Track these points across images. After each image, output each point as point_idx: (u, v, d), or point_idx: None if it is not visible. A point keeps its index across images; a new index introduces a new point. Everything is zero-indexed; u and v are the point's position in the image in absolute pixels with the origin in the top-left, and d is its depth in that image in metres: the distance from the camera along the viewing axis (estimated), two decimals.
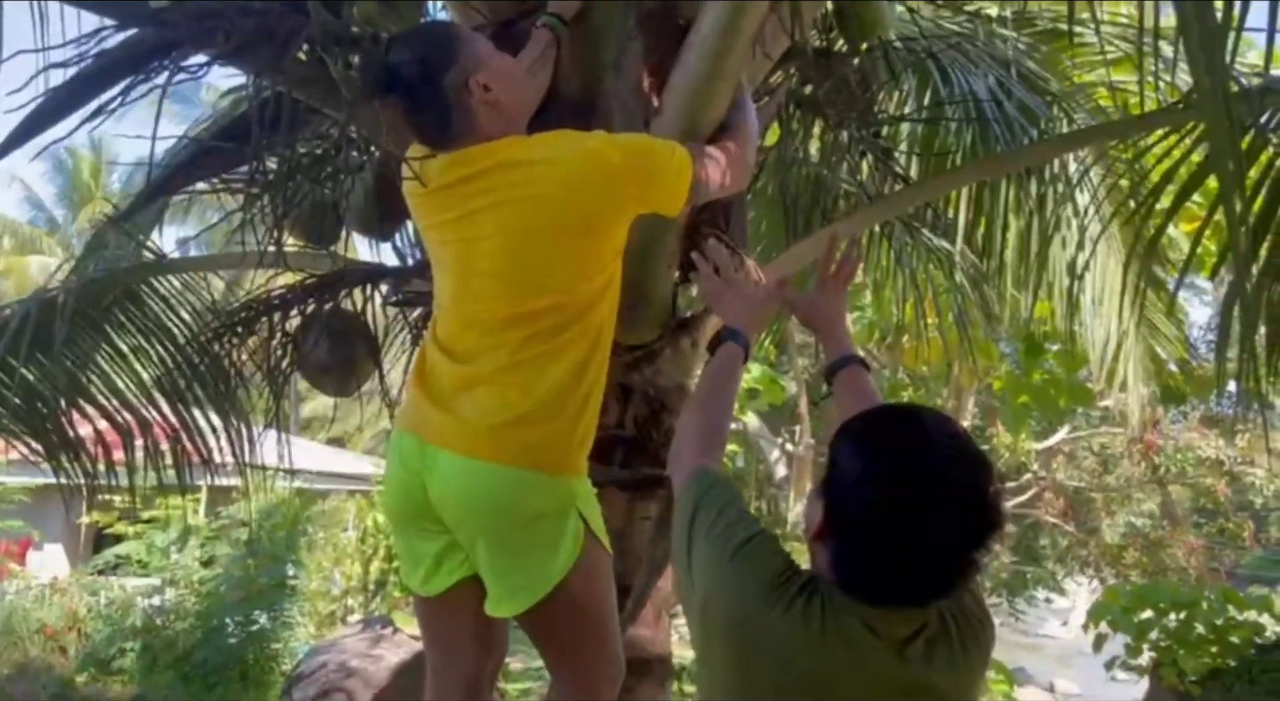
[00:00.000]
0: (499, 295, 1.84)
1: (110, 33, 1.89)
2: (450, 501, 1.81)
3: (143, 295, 3.49)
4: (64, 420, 3.38)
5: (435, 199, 1.90)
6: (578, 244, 1.83)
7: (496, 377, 1.80)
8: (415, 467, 1.84)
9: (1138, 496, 15.15)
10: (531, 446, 1.78)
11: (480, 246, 1.84)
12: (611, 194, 1.82)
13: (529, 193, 1.80)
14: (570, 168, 1.80)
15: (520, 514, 1.79)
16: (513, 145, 1.85)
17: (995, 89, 3.43)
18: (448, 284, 1.93)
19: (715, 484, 1.46)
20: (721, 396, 1.69)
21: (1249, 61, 3.94)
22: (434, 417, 1.83)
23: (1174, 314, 5.20)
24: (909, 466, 1.23)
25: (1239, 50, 1.67)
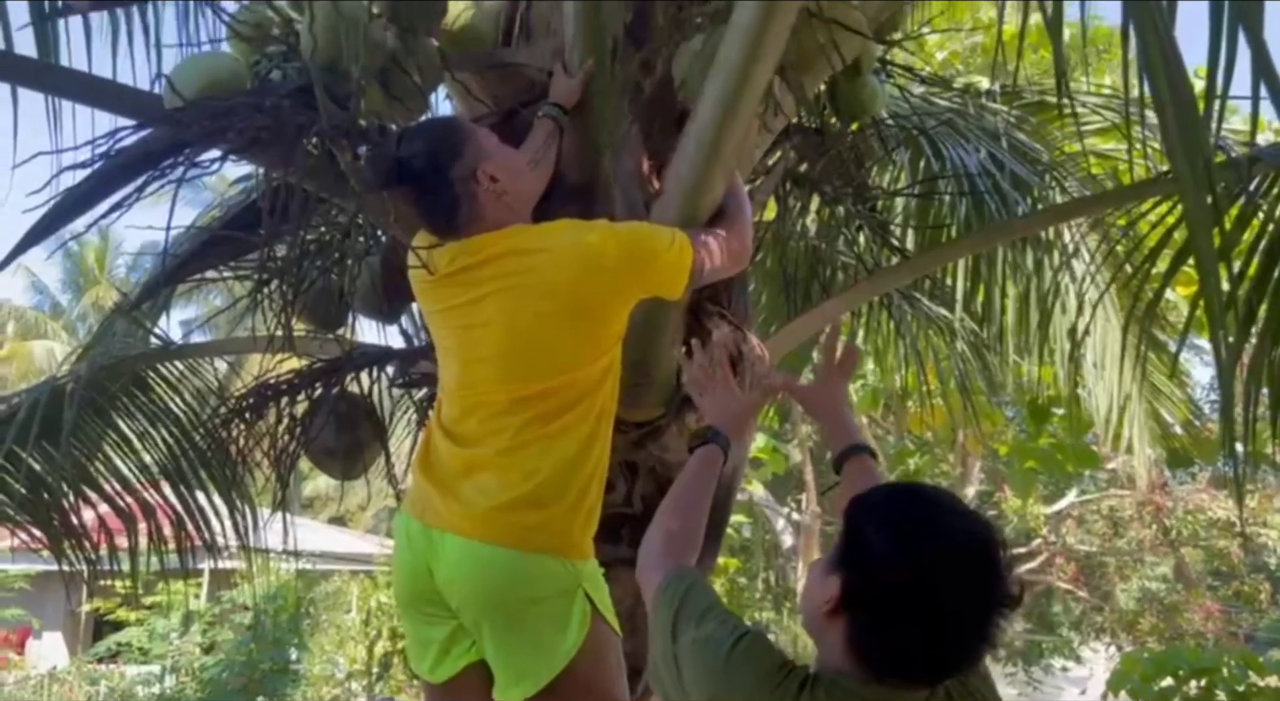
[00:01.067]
0: (500, 379, 1.86)
1: (127, 132, 1.95)
2: (455, 585, 1.81)
3: (150, 381, 3.52)
4: (68, 507, 3.37)
5: (441, 286, 1.94)
6: (578, 330, 1.86)
7: (498, 461, 1.82)
8: (421, 552, 1.85)
9: (1150, 560, 14.97)
10: (534, 528, 1.79)
11: (483, 332, 1.88)
12: (612, 281, 1.87)
13: (531, 281, 1.84)
14: (571, 257, 1.84)
15: (524, 596, 1.78)
16: (516, 234, 1.90)
17: (987, 161, 3.50)
18: (452, 368, 1.96)
19: (691, 587, 1.45)
20: (697, 498, 1.67)
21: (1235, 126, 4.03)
22: (438, 502, 1.85)
23: (1176, 376, 5.21)
24: (931, 542, 1.24)
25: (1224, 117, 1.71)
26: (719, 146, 2.11)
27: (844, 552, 1.30)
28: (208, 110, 1.94)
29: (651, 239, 1.92)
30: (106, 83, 2.30)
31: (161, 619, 9.81)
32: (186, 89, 2.02)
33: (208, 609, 9.87)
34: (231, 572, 9.38)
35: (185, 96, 2.01)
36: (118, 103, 2.20)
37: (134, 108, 2.14)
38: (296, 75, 2.13)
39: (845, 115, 2.85)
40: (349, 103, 2.02)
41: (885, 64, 2.97)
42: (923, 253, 3.69)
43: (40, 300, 23.00)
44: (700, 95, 2.14)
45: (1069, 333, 4.18)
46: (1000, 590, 1.24)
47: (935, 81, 3.69)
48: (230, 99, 1.99)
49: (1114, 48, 7.58)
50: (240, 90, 2.07)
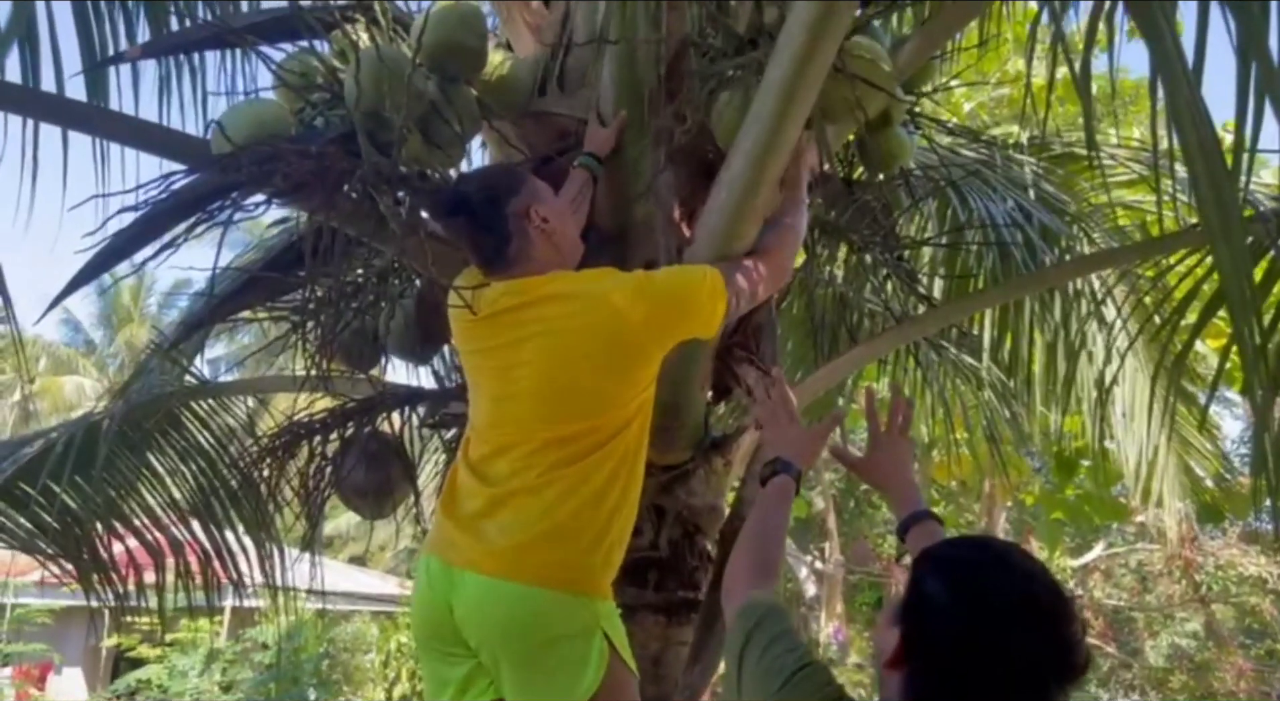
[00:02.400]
0: (533, 420, 1.89)
1: (179, 176, 2.01)
2: (474, 622, 1.82)
3: (183, 418, 3.57)
4: (99, 542, 3.41)
5: (483, 326, 1.99)
6: (614, 375, 1.90)
7: (521, 500, 1.84)
8: (441, 590, 1.86)
9: (1180, 616, 14.68)
10: (554, 566, 1.80)
11: (519, 372, 1.91)
12: (648, 329, 1.91)
13: (571, 325, 1.89)
14: (610, 305, 1.88)
15: (543, 634, 1.79)
16: (560, 279, 1.95)
17: (1014, 212, 3.52)
18: (483, 407, 1.99)
19: (768, 614, 1.46)
20: (773, 528, 1.70)
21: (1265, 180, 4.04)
22: (459, 540, 1.87)
23: (1206, 428, 5.16)
24: (997, 597, 1.21)
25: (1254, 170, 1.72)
26: (750, 196, 2.14)
27: (905, 603, 1.28)
28: (254, 155, 2.00)
29: (688, 285, 1.96)
30: (156, 127, 2.37)
31: (182, 656, 9.81)
32: (234, 134, 2.08)
33: (229, 647, 9.86)
34: (253, 611, 9.38)
35: (233, 141, 2.07)
36: (167, 147, 2.26)
37: (183, 152, 2.21)
38: (340, 122, 2.19)
39: (874, 165, 2.89)
40: (391, 149, 2.07)
41: (914, 115, 3.00)
42: (950, 302, 3.71)
43: (74, 337, 23.33)
44: (733, 145, 2.19)
45: (1096, 383, 4.17)
46: (1061, 649, 1.20)
47: (963, 132, 3.72)
48: (276, 145, 2.05)
49: (1141, 99, 7.62)
50: (285, 136, 2.13)
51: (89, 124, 2.42)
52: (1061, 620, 1.21)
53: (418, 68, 2.15)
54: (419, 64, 2.17)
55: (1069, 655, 1.20)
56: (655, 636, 2.40)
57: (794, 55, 1.97)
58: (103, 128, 2.39)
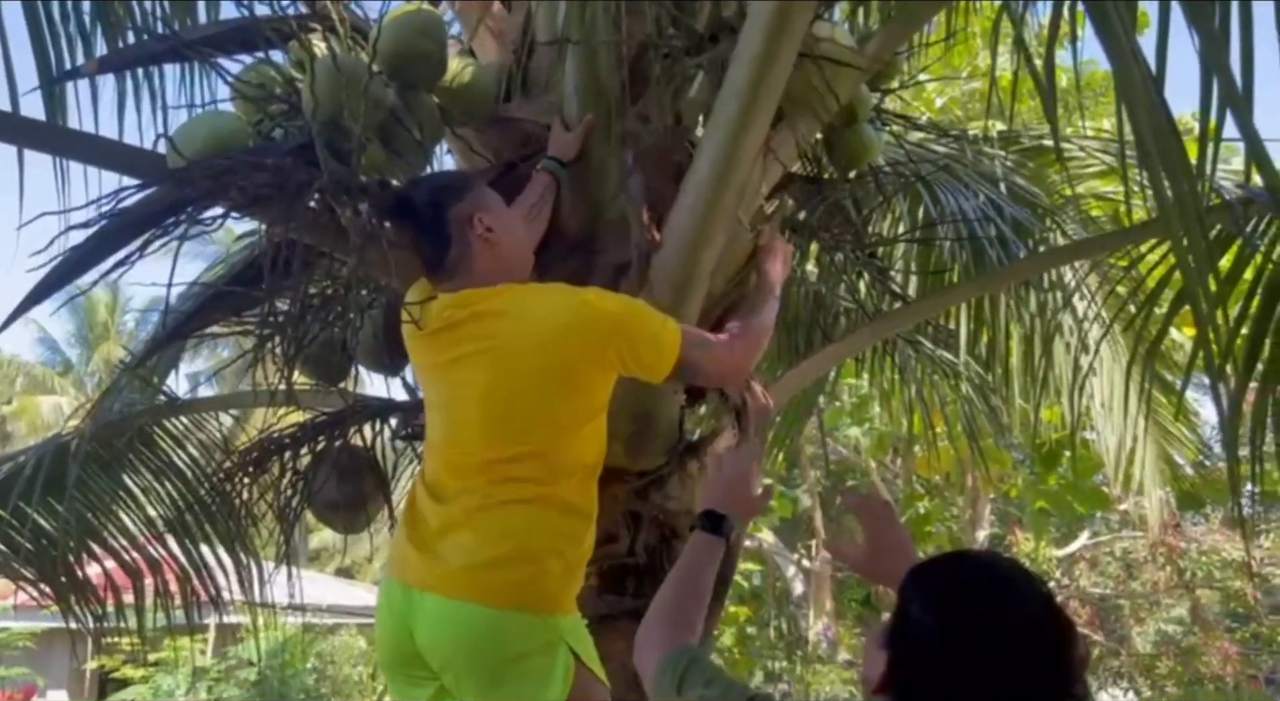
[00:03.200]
0: (479, 441, 1.86)
1: (131, 192, 1.97)
2: (435, 645, 1.80)
3: (155, 436, 3.53)
4: (74, 563, 3.37)
5: (429, 341, 1.96)
6: (556, 399, 1.85)
7: (474, 520, 1.82)
8: (401, 612, 1.84)
9: (1166, 602, 14.78)
10: (512, 586, 1.78)
11: (466, 392, 1.89)
12: (591, 353, 1.84)
13: (512, 345, 1.84)
14: (553, 324, 1.84)
15: (504, 653, 1.77)
16: (503, 294, 1.89)
17: (985, 206, 3.52)
18: (438, 424, 1.97)
19: (694, 660, 1.42)
20: (699, 586, 1.62)
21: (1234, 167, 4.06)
22: (416, 561, 1.85)
23: (1184, 416, 5.19)
24: (988, 620, 1.15)
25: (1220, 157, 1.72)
26: (718, 197, 2.13)
27: (892, 626, 1.22)
28: (210, 168, 1.97)
29: (640, 318, 1.89)
30: (111, 143, 2.33)
31: (167, 676, 9.72)
32: (189, 148, 2.05)
33: (213, 665, 9.78)
34: (237, 627, 9.30)
35: (188, 155, 2.04)
36: (122, 163, 2.23)
37: (138, 167, 2.17)
38: (298, 133, 2.16)
39: (843, 163, 2.88)
40: (350, 159, 2.04)
41: (881, 112, 3.00)
42: (924, 297, 3.71)
43: (50, 356, 23.12)
44: (698, 148, 2.18)
45: (1073, 373, 4.18)
46: (1055, 677, 1.13)
47: (932, 127, 3.73)
48: (233, 157, 2.02)
49: (1110, 92, 7.66)
50: (242, 148, 2.10)
51: (45, 142, 2.38)
52: (1058, 646, 1.14)
53: (376, 76, 2.13)
54: (377, 72, 2.15)
55: (1065, 684, 1.13)
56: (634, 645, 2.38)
57: (754, 56, 1.97)
58: (59, 145, 2.35)
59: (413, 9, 2.28)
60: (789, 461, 9.51)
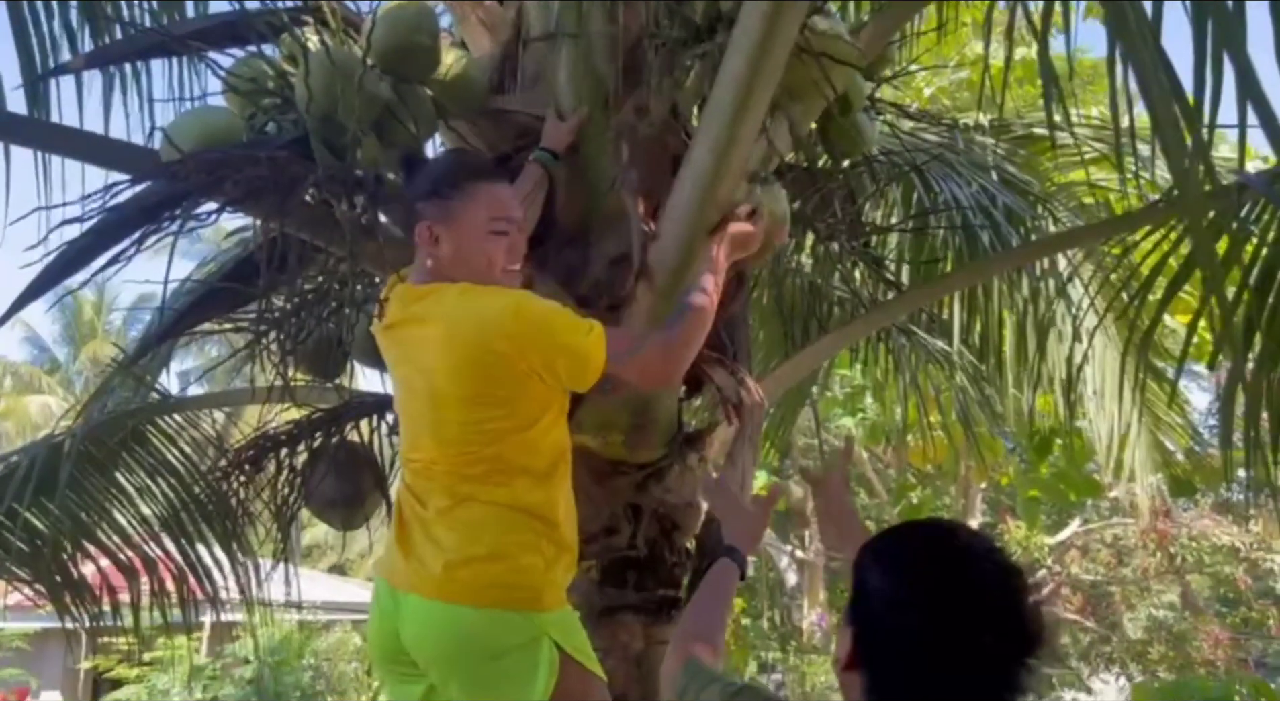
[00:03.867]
0: (430, 445, 1.85)
1: (123, 187, 1.95)
2: (418, 644, 1.81)
3: (148, 434, 3.51)
4: (68, 562, 3.35)
5: (384, 336, 1.96)
6: (480, 407, 1.80)
7: (445, 521, 1.81)
8: (389, 613, 1.85)
9: (1156, 588, 14.86)
10: (491, 585, 1.77)
11: (412, 395, 1.89)
12: (506, 365, 1.77)
13: (436, 349, 1.81)
14: (476, 323, 1.79)
15: (484, 651, 1.77)
16: (432, 295, 1.85)
17: (979, 194, 3.52)
18: (404, 427, 1.96)
19: (699, 670, 1.45)
20: (713, 607, 1.66)
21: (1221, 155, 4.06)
22: (400, 563, 1.85)
23: (1176, 403, 5.20)
24: (944, 585, 1.15)
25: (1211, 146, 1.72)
26: (714, 186, 2.12)
27: (851, 603, 1.22)
28: (204, 162, 1.95)
29: (561, 332, 1.81)
30: (101, 139, 2.31)
31: (161, 675, 9.69)
32: (182, 142, 2.04)
33: (209, 663, 9.75)
34: (232, 626, 9.28)
35: (181, 149, 2.02)
36: (113, 158, 2.21)
37: (130, 162, 2.15)
38: (292, 127, 2.14)
39: (837, 153, 2.88)
40: (345, 153, 2.03)
41: (874, 101, 2.99)
42: (918, 286, 3.70)
43: (37, 355, 22.97)
44: (694, 137, 2.17)
45: (1066, 362, 4.18)
46: (1015, 625, 1.13)
47: (924, 116, 3.72)
48: (227, 150, 2.00)
49: (1100, 79, 7.66)
50: (236, 142, 2.08)
51: (32, 137, 2.36)
52: (1011, 595, 1.15)
53: (369, 69, 2.11)
54: (370, 66, 2.13)
55: (1024, 627, 1.13)
56: (637, 636, 2.38)
57: (751, 45, 1.96)
58: (47, 141, 2.33)
59: (405, 2, 2.26)
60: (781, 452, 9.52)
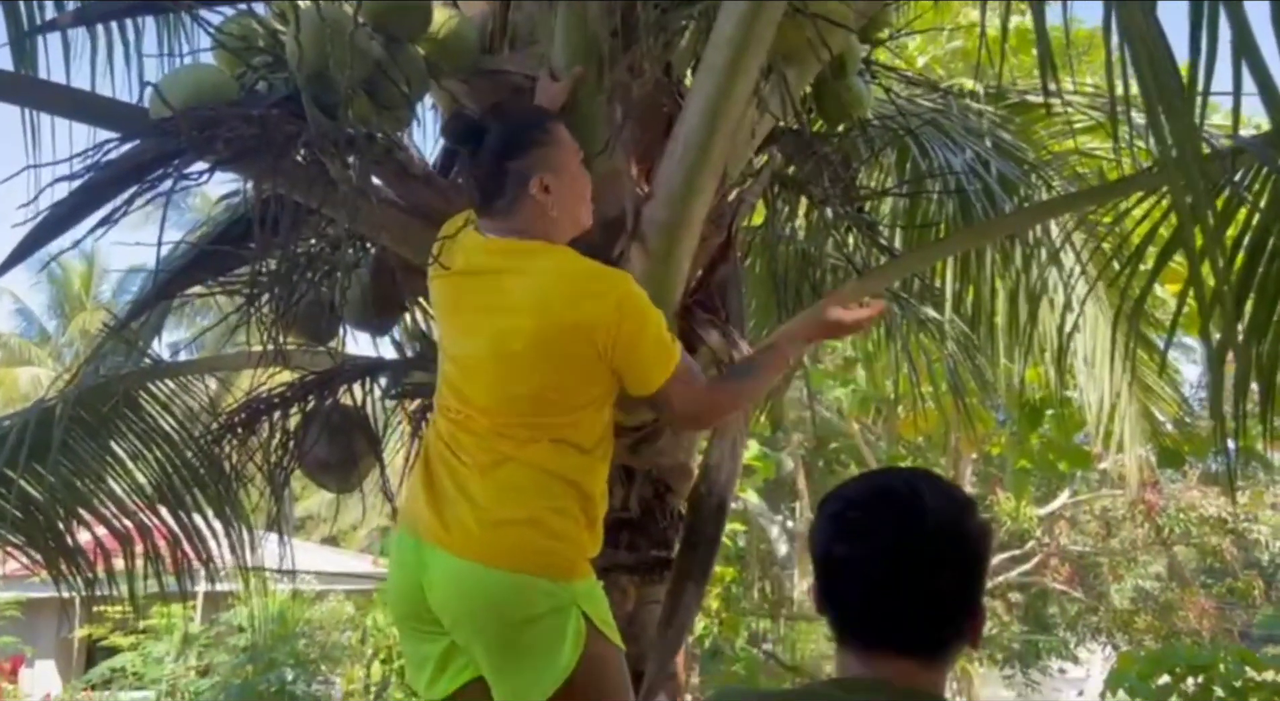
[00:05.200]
0: (487, 399, 1.84)
1: (113, 145, 1.94)
2: (444, 604, 1.79)
3: (141, 400, 3.49)
4: (62, 529, 3.35)
5: (454, 283, 1.94)
6: (549, 377, 1.82)
7: (486, 478, 1.80)
8: (413, 568, 1.82)
9: (1144, 559, 15.00)
10: (525, 549, 1.77)
11: (477, 348, 1.87)
12: (589, 345, 1.80)
13: (526, 307, 1.81)
14: (561, 307, 1.80)
15: (514, 616, 1.76)
16: (536, 254, 1.86)
17: (973, 161, 3.51)
18: (451, 374, 1.93)
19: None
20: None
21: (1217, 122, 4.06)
22: (429, 517, 1.82)
23: (1166, 373, 5.22)
24: (881, 536, 1.19)
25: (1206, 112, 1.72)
26: (708, 149, 2.11)
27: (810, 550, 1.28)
28: (195, 120, 1.93)
29: (656, 322, 1.84)
30: (90, 95, 2.29)
31: (156, 643, 9.73)
32: (173, 99, 2.01)
33: (203, 631, 9.80)
34: (226, 594, 9.31)
35: (171, 107, 2.00)
36: (102, 115, 2.18)
37: (119, 120, 2.13)
38: (283, 85, 2.12)
39: (831, 117, 2.87)
40: (336, 111, 2.01)
41: (869, 65, 2.98)
42: (911, 252, 3.70)
43: (26, 327, 22.85)
44: (687, 99, 2.15)
45: (1057, 330, 4.20)
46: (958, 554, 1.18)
47: (920, 82, 3.70)
48: (218, 108, 1.98)
49: (1095, 49, 7.63)
50: (227, 100, 2.06)
51: (18, 93, 2.33)
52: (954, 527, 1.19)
53: (361, 27, 2.09)
54: (362, 23, 2.11)
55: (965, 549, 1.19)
56: (628, 596, 2.39)
57: (743, 6, 1.94)
58: (34, 97, 2.30)
59: None
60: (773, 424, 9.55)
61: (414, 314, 2.94)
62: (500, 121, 1.93)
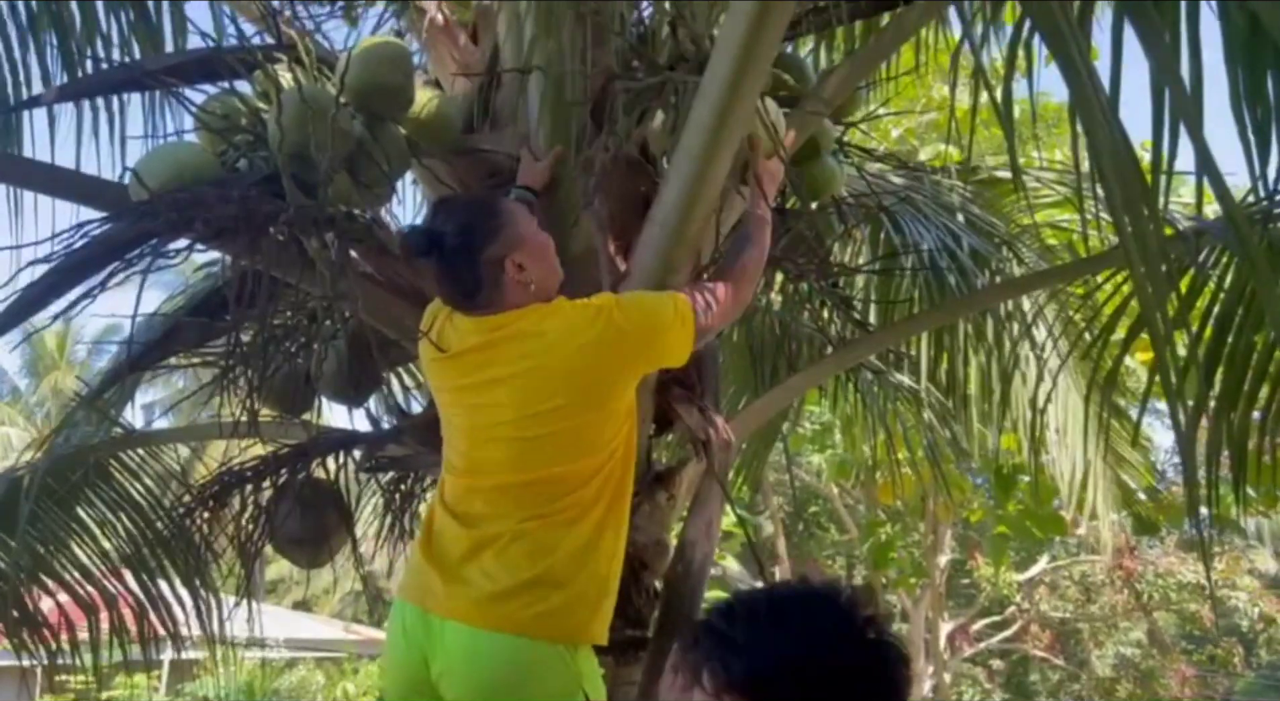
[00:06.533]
0: (508, 464, 1.85)
1: (94, 225, 1.95)
2: (453, 677, 1.76)
3: (110, 468, 3.46)
4: (26, 597, 3.29)
5: (453, 364, 1.94)
6: (589, 411, 1.85)
7: (505, 544, 1.79)
8: (418, 640, 1.80)
9: (1124, 625, 14.95)
10: (542, 615, 1.75)
11: (494, 414, 1.87)
12: (620, 360, 1.87)
13: (539, 364, 1.84)
14: (580, 339, 1.84)
15: (526, 695, 1.74)
16: (528, 315, 1.89)
17: (945, 235, 3.58)
18: (460, 446, 1.94)
19: None
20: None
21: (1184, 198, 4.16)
22: (439, 586, 1.80)
23: (1139, 443, 5.27)
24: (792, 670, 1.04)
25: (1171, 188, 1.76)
26: (683, 229, 2.15)
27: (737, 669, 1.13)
28: (175, 201, 1.95)
29: (657, 315, 1.91)
30: (72, 174, 2.30)
31: None
32: (153, 179, 2.03)
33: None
34: (192, 663, 9.09)
35: (151, 186, 2.01)
36: (84, 194, 2.20)
37: (100, 199, 2.14)
38: (264, 164, 2.15)
39: (806, 194, 2.91)
40: (316, 190, 2.03)
41: (843, 145, 3.04)
42: (885, 327, 3.75)
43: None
44: (663, 179, 2.19)
45: (1030, 402, 4.23)
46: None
47: (891, 159, 3.78)
48: (198, 189, 2.00)
49: (1063, 123, 7.82)
50: (207, 180, 2.08)
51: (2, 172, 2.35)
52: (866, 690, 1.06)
53: (343, 107, 2.12)
54: (344, 103, 2.14)
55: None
56: (603, 677, 2.36)
57: (719, 94, 1.99)
58: (16, 175, 2.32)
59: (380, 41, 2.28)
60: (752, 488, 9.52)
61: (390, 386, 2.94)
62: (452, 219, 1.93)
